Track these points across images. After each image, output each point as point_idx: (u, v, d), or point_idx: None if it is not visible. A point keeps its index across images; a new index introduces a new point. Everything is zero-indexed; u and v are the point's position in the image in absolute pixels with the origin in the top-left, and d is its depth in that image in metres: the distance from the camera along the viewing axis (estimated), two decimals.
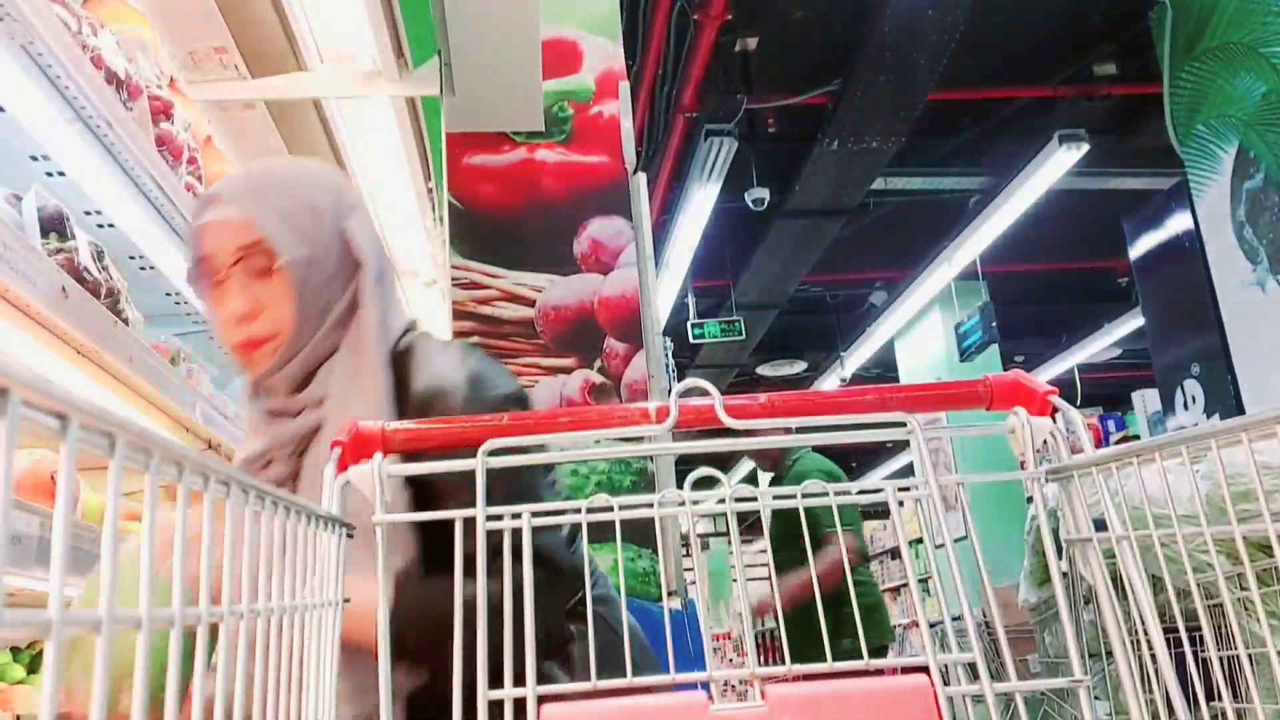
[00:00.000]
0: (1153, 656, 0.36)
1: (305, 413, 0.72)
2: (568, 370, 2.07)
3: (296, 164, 0.79)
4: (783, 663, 0.36)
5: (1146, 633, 0.37)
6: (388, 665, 0.39)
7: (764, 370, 6.96)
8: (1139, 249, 3.72)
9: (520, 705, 0.35)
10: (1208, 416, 3.33)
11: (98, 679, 0.21)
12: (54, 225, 0.97)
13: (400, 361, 0.72)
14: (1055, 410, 0.43)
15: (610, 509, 0.41)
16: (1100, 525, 0.39)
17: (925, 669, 0.35)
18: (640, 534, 1.88)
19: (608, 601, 0.77)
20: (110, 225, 1.20)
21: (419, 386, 0.71)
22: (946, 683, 0.35)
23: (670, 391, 0.71)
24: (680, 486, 0.42)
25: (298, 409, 0.72)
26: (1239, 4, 3.12)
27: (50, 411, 0.20)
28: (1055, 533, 0.41)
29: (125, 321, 1.03)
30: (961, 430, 0.45)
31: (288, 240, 0.71)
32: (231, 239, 0.71)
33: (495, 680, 0.36)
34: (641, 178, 2.18)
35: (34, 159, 1.07)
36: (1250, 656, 0.91)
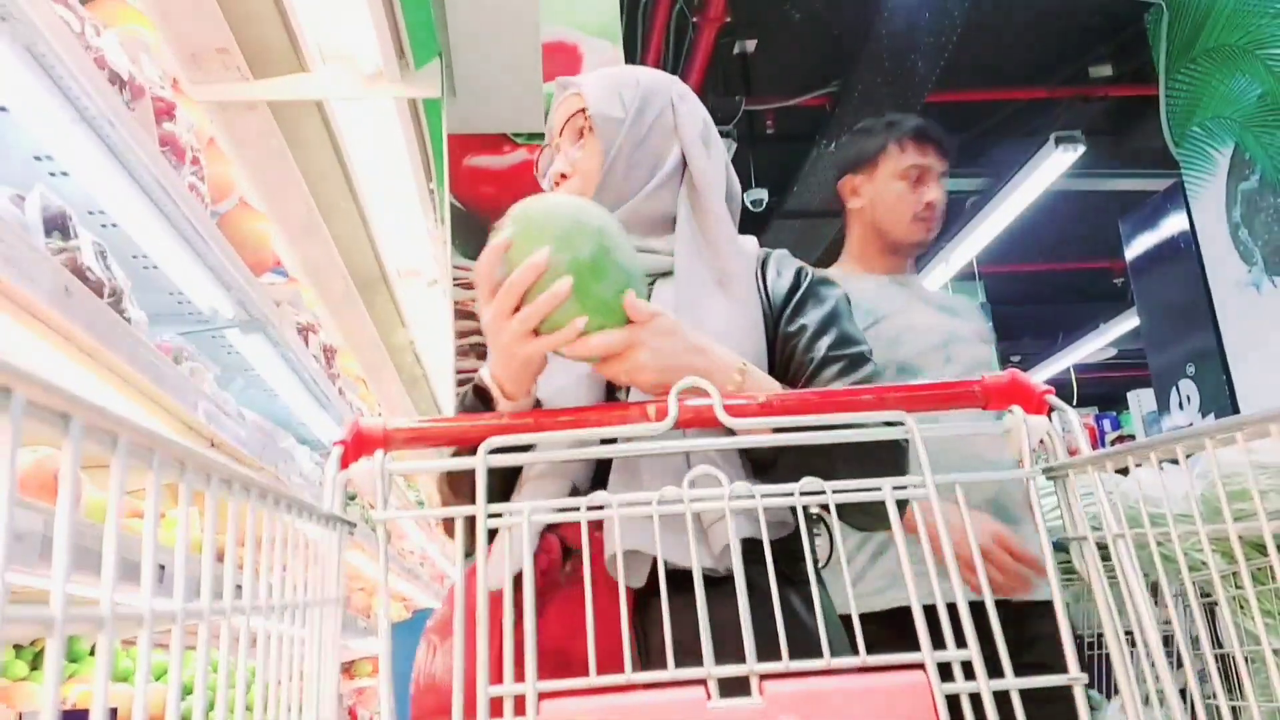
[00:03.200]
0: (1148, 654, 0.36)
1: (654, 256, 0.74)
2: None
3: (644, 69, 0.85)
4: (780, 659, 0.37)
5: (1142, 630, 0.37)
6: (388, 666, 0.39)
7: None
8: (1135, 249, 3.73)
9: (521, 701, 0.35)
10: (1203, 416, 3.33)
11: (99, 678, 0.22)
12: (57, 225, 0.97)
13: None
14: (1051, 410, 0.43)
15: (609, 507, 0.41)
16: (1096, 524, 0.39)
17: (921, 666, 0.36)
18: None
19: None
20: (113, 225, 1.21)
21: (806, 269, 0.75)
22: (943, 679, 0.35)
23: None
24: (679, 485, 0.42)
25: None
26: (1234, 6, 3.13)
27: (54, 410, 0.20)
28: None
29: (128, 321, 1.03)
30: (958, 429, 0.45)
31: (603, 100, 0.76)
32: (567, 108, 0.78)
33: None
34: None
35: (37, 159, 1.07)
36: (1245, 655, 0.91)
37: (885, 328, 1.21)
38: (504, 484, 0.66)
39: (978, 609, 0.37)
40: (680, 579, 0.46)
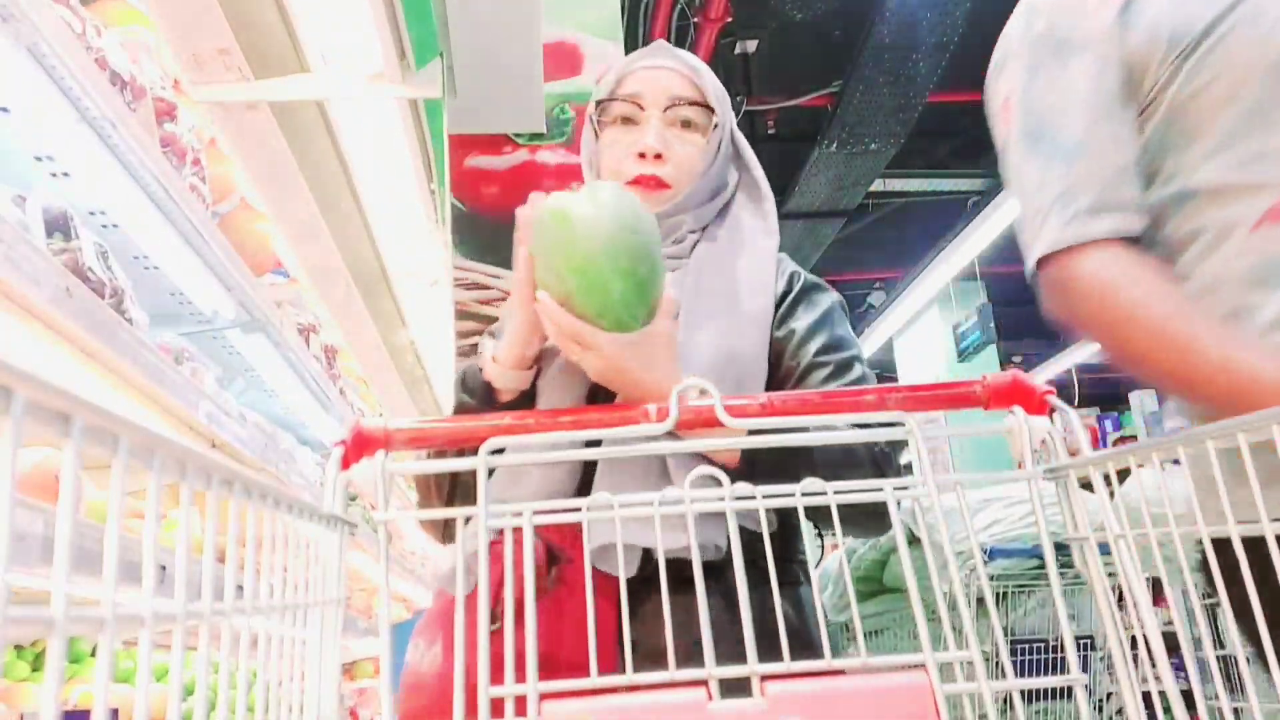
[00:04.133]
0: (1150, 655, 0.36)
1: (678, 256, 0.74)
2: None
3: None
4: (782, 660, 0.36)
5: (1144, 631, 0.37)
6: (389, 666, 0.39)
7: None
8: None
9: (521, 702, 0.35)
10: None
11: (100, 679, 0.21)
12: (58, 225, 0.97)
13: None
14: (1053, 410, 0.43)
15: (610, 507, 0.41)
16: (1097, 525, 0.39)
17: (923, 666, 0.35)
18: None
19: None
20: (114, 226, 1.21)
21: (799, 272, 0.74)
22: (945, 680, 0.35)
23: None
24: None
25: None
26: None
27: (55, 410, 0.20)
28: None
29: (129, 321, 1.03)
30: (959, 430, 0.45)
31: (724, 105, 0.75)
32: (671, 87, 0.73)
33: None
34: None
35: (39, 160, 1.07)
36: (1248, 656, 0.91)
37: None
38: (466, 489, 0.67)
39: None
40: (671, 575, 0.46)
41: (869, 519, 0.61)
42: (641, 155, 0.72)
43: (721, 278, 0.71)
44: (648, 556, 0.60)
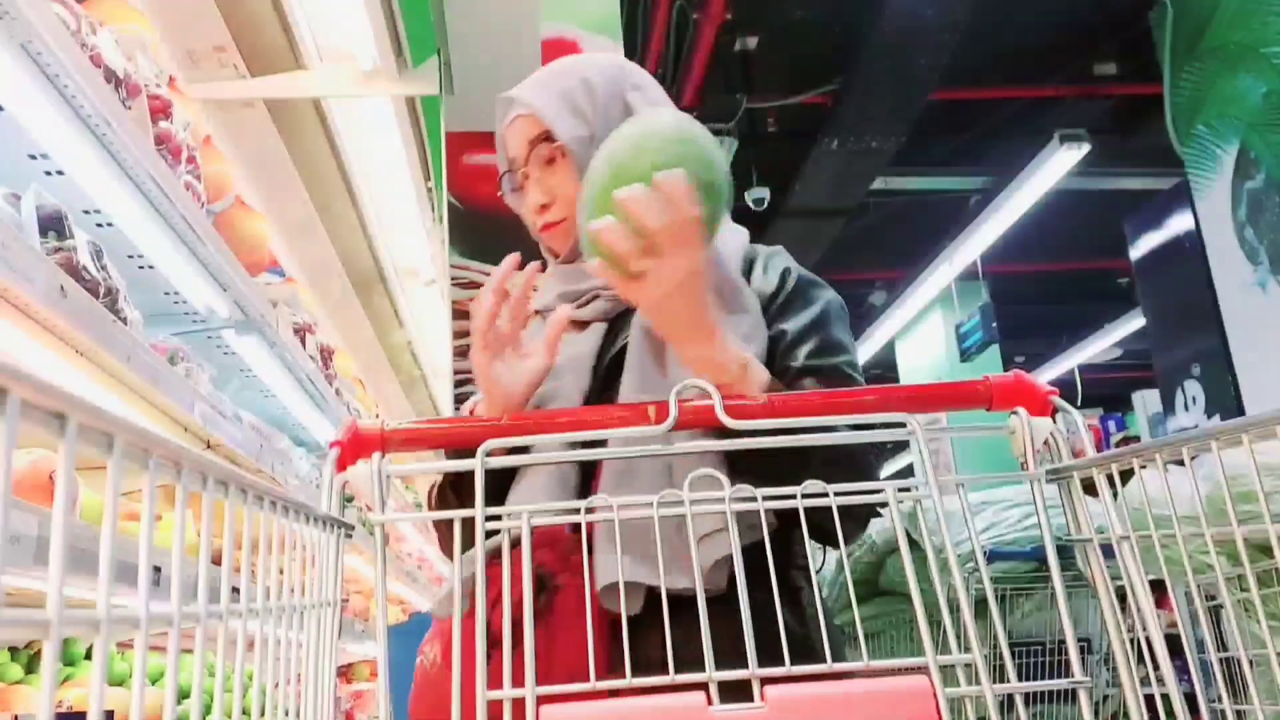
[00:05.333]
0: (1153, 657, 0.36)
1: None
2: None
3: (581, 55, 0.81)
4: (782, 664, 0.36)
5: (1147, 633, 0.37)
6: (386, 665, 0.39)
7: None
8: (1140, 249, 3.72)
9: (519, 705, 0.35)
10: (1208, 417, 3.33)
11: (95, 681, 0.21)
12: (52, 224, 0.97)
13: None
14: (1056, 411, 0.43)
15: (610, 509, 0.41)
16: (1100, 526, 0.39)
17: (924, 670, 0.35)
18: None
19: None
20: (109, 224, 1.20)
21: (793, 269, 0.71)
22: (947, 684, 0.35)
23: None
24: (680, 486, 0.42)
25: (599, 287, 0.73)
26: (1239, 4, 3.12)
27: (49, 411, 0.20)
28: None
29: (124, 321, 1.03)
30: (962, 431, 0.45)
31: (566, 122, 0.72)
32: (523, 134, 0.74)
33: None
34: None
35: (32, 158, 1.06)
36: (1251, 658, 0.91)
37: None
38: (498, 490, 0.65)
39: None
40: (673, 595, 0.45)
41: (847, 522, 0.59)
42: (535, 212, 0.74)
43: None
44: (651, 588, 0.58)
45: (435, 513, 0.44)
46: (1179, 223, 3.49)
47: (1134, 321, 5.38)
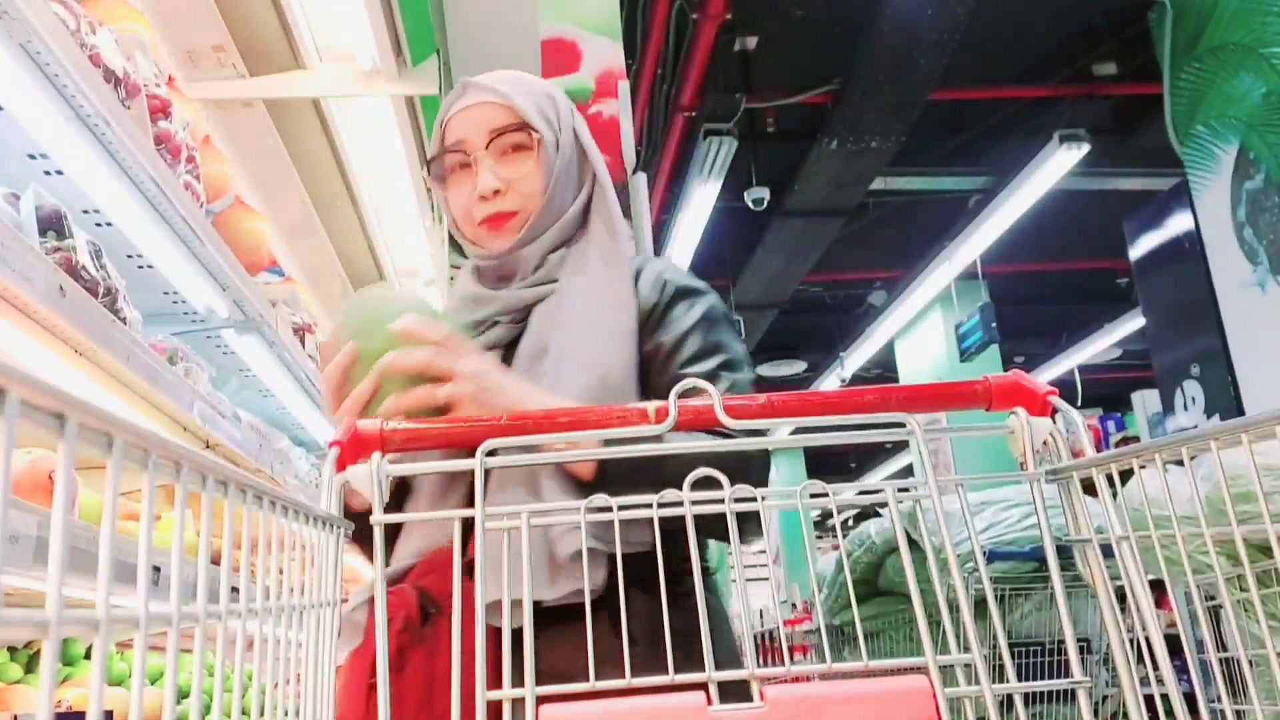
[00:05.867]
0: (1152, 657, 0.36)
1: (533, 286, 0.73)
2: None
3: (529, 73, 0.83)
4: (782, 663, 0.36)
5: (1146, 634, 0.37)
6: (385, 667, 0.39)
7: (764, 370, 6.96)
8: (1139, 249, 3.72)
9: (519, 705, 0.35)
10: (1208, 417, 3.33)
11: (94, 680, 0.21)
12: (52, 224, 0.97)
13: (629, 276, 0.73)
14: (1055, 411, 0.43)
15: (609, 509, 0.41)
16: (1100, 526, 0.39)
17: (924, 670, 0.35)
18: None
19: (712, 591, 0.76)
20: (108, 224, 1.20)
21: (670, 279, 0.72)
22: (946, 683, 0.35)
23: (669, 392, 0.70)
24: (679, 487, 0.42)
25: (524, 285, 0.74)
26: (1239, 4, 3.12)
27: (48, 410, 0.20)
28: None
29: (123, 320, 1.03)
30: (962, 431, 0.45)
31: (542, 123, 0.73)
32: (487, 120, 0.73)
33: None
34: (641, 177, 2.18)
35: (32, 157, 1.06)
36: (1250, 658, 0.91)
37: None
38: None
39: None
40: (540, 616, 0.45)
41: (746, 524, 0.58)
42: (483, 197, 0.73)
43: (587, 296, 0.70)
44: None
45: (433, 513, 0.43)
46: (1178, 223, 3.49)
47: (1133, 322, 5.38)
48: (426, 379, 0.60)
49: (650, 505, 0.41)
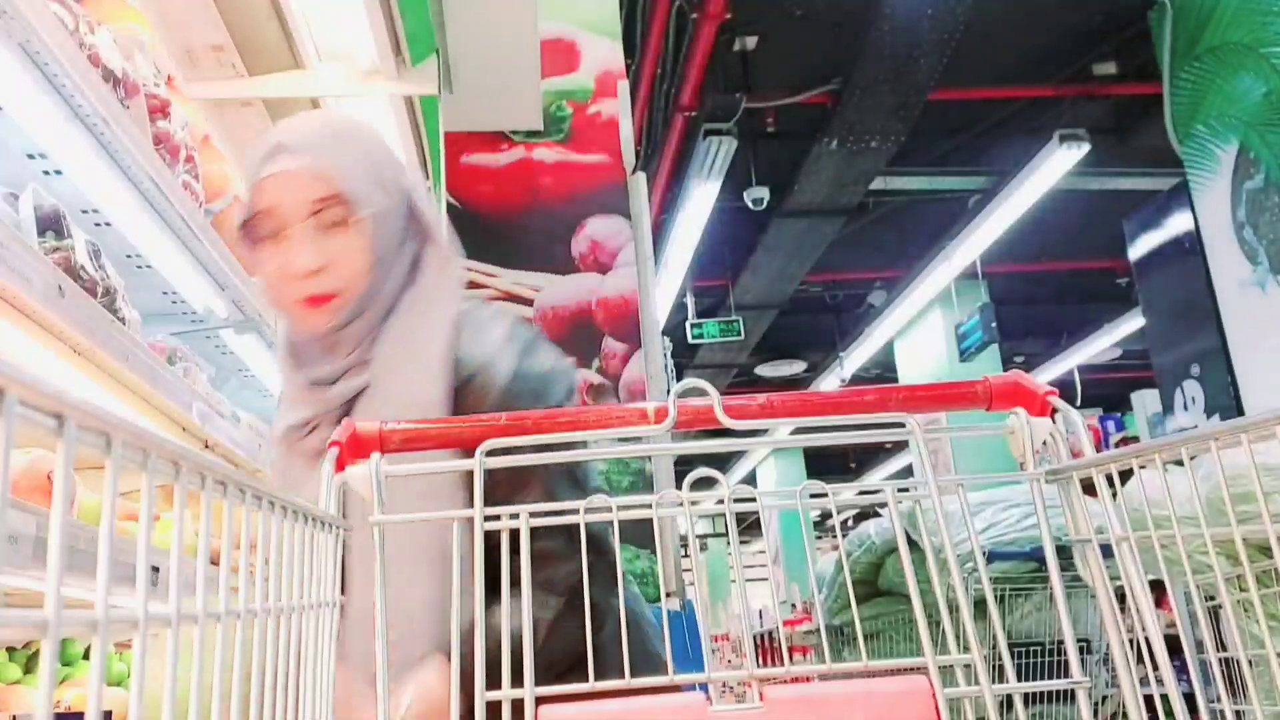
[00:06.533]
0: (1152, 657, 0.36)
1: (349, 376, 0.70)
2: None
3: (354, 118, 0.78)
4: (781, 664, 0.36)
5: (1146, 634, 0.37)
6: (384, 668, 0.38)
7: (763, 371, 6.96)
8: (1139, 249, 3.72)
9: (518, 706, 0.35)
10: (1207, 417, 3.33)
11: (93, 681, 0.21)
12: (51, 224, 0.97)
13: (451, 330, 0.71)
14: (1055, 411, 0.43)
15: (609, 509, 0.41)
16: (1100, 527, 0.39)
17: (924, 670, 0.35)
18: (638, 535, 1.88)
19: (632, 598, 0.77)
20: (107, 224, 1.20)
21: (465, 356, 0.69)
22: (945, 684, 0.35)
23: (669, 392, 0.70)
24: (679, 487, 0.42)
25: (340, 373, 0.71)
26: (1239, 4, 3.12)
27: (47, 411, 0.20)
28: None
29: (122, 320, 1.03)
30: (961, 431, 0.45)
31: (367, 193, 0.68)
32: (305, 190, 0.67)
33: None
34: (640, 177, 2.18)
35: (31, 157, 1.06)
36: (1250, 658, 0.91)
37: None
38: None
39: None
40: None
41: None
42: (306, 276, 0.68)
43: (403, 385, 0.68)
44: None
45: (432, 513, 0.43)
46: (1178, 223, 3.49)
47: (1133, 322, 5.39)
48: None
49: (649, 505, 0.41)
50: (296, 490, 0.58)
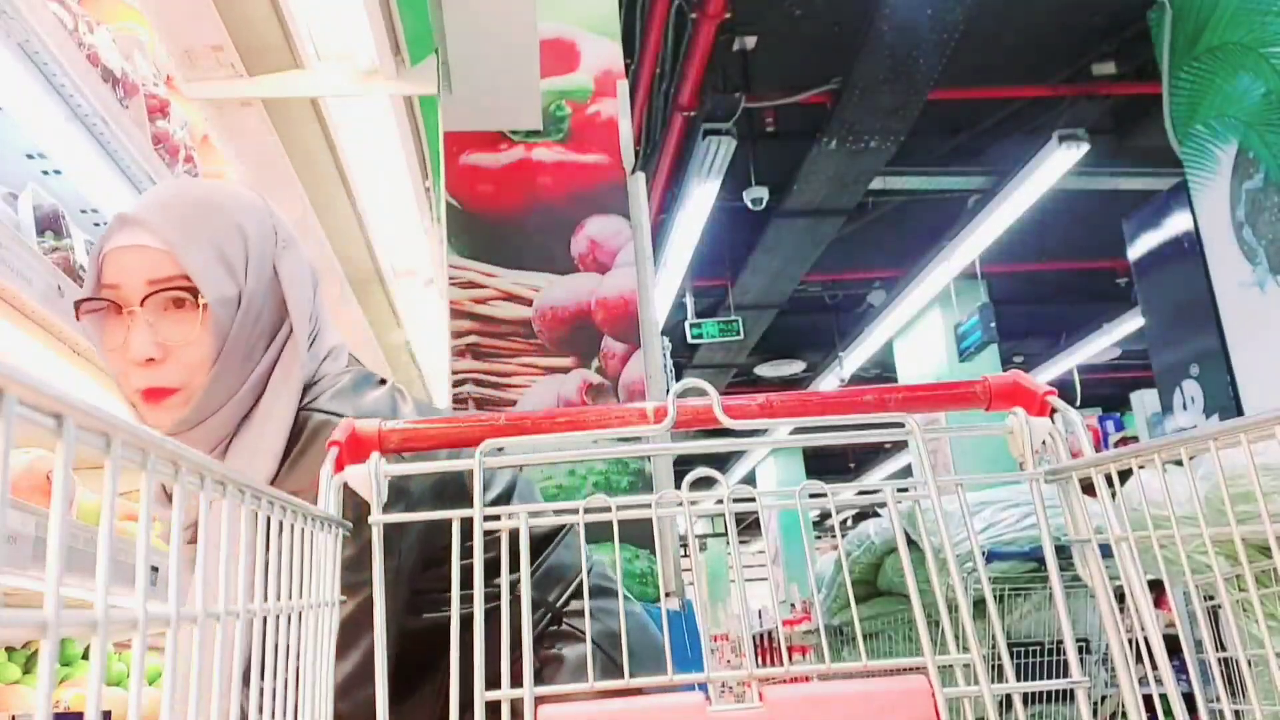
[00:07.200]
0: (1151, 657, 0.36)
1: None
2: (565, 370, 2.06)
3: (221, 187, 0.69)
4: (781, 664, 0.36)
5: (1145, 634, 0.37)
6: (384, 661, 0.39)
7: (762, 370, 6.96)
8: (1138, 249, 3.72)
9: (517, 706, 0.35)
10: (1206, 417, 3.33)
11: (92, 681, 0.21)
12: (50, 224, 0.97)
13: (294, 436, 0.63)
14: (1054, 411, 0.43)
15: (608, 509, 0.41)
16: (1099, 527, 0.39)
17: (923, 670, 0.35)
18: (638, 534, 1.88)
19: (606, 595, 0.75)
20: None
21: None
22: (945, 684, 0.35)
23: (668, 392, 0.70)
24: (678, 487, 0.42)
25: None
26: (1238, 4, 3.13)
27: (47, 411, 0.20)
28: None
29: None
30: (961, 431, 0.45)
31: (212, 277, 0.62)
32: (145, 269, 0.62)
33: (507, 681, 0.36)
34: (640, 177, 2.18)
35: (30, 157, 1.06)
36: (1249, 658, 0.91)
37: None
38: None
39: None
40: None
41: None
42: (142, 365, 0.62)
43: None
44: None
45: (433, 513, 0.43)
46: (1177, 223, 3.49)
47: (1132, 321, 5.39)
48: None
49: (649, 505, 0.41)
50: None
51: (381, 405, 0.66)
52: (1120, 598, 0.39)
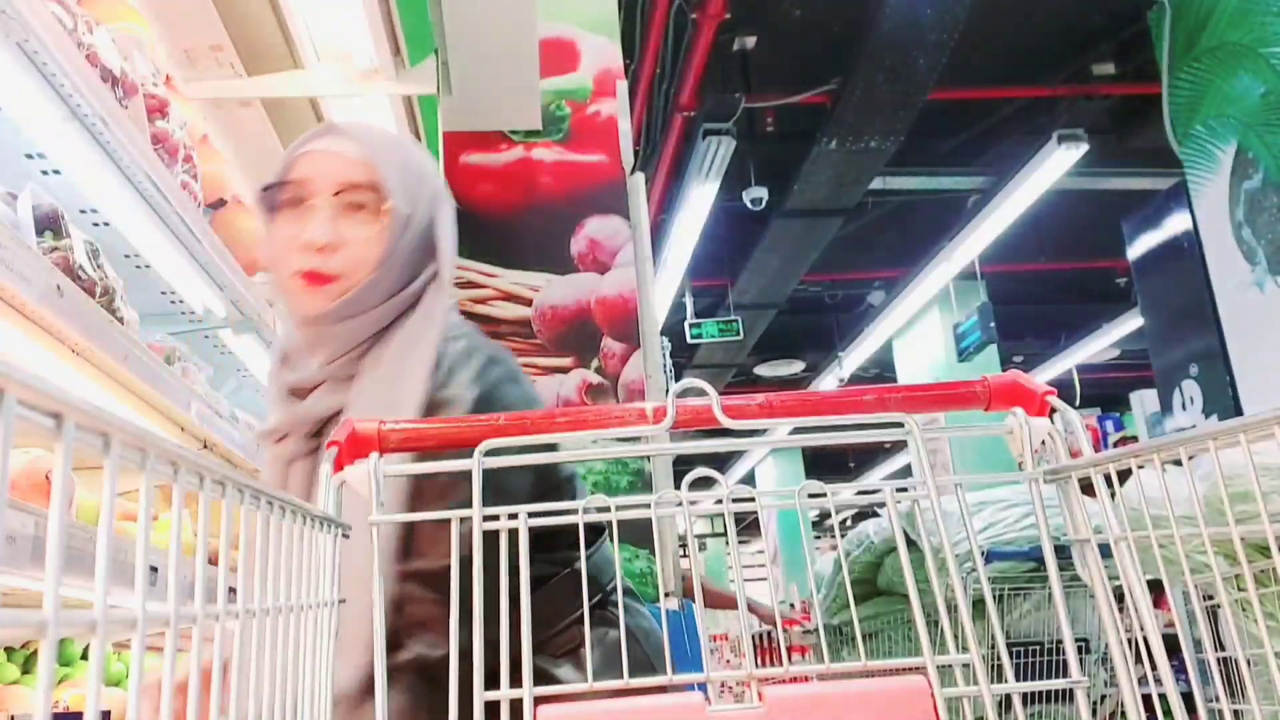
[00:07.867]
0: (1150, 657, 0.36)
1: (323, 391, 0.68)
2: (565, 370, 2.06)
3: (409, 138, 0.81)
4: (780, 664, 0.36)
5: (1144, 634, 0.37)
6: (383, 661, 0.39)
7: (762, 370, 6.96)
8: (1138, 249, 3.73)
9: (517, 706, 0.35)
10: (1206, 417, 3.33)
11: (92, 681, 0.21)
12: (49, 224, 0.97)
13: (427, 372, 0.68)
14: (1053, 411, 0.43)
15: (608, 509, 0.41)
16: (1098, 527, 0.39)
17: (923, 670, 0.35)
18: (637, 534, 1.88)
19: (631, 597, 0.77)
20: (105, 224, 1.20)
21: (432, 400, 0.68)
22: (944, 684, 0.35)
23: (668, 392, 0.70)
24: (677, 487, 0.42)
25: (317, 381, 0.69)
26: (1238, 4, 3.13)
27: (46, 411, 0.20)
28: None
29: (120, 320, 1.03)
30: (960, 431, 0.45)
31: (400, 192, 0.68)
32: (341, 171, 0.68)
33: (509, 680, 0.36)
34: (639, 177, 2.18)
35: (29, 157, 1.06)
36: (1248, 658, 0.91)
37: None
38: None
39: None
40: None
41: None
42: (309, 248, 0.67)
43: (373, 410, 0.65)
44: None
45: (430, 513, 0.43)
46: (1177, 223, 3.49)
47: (1132, 321, 5.39)
48: None
49: (648, 505, 0.41)
50: None
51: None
52: (1119, 597, 0.39)
